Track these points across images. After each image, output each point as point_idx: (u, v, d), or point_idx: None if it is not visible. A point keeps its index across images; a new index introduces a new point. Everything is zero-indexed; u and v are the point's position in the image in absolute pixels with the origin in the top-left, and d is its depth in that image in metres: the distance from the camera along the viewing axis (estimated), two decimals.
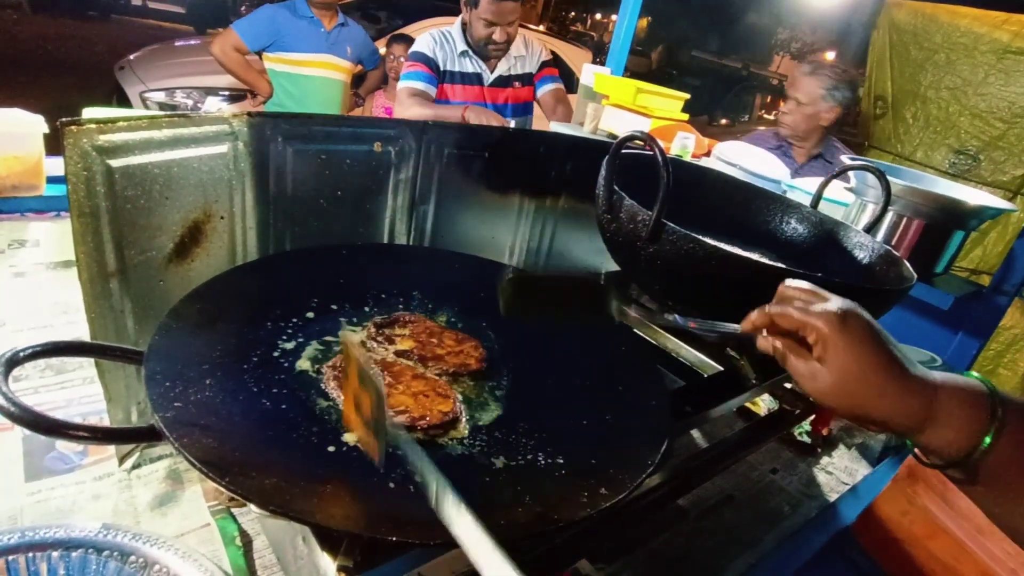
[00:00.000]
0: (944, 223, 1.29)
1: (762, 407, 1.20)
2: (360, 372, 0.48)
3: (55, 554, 0.63)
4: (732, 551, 0.88)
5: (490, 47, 2.23)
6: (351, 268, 0.88)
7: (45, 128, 1.32)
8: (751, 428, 1.04)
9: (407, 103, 2.19)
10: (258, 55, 3.15)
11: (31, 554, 0.63)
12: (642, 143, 0.89)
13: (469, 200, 1.20)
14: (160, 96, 4.10)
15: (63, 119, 0.63)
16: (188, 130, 0.79)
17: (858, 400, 0.51)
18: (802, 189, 1.55)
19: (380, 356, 0.71)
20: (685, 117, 1.95)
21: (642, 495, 0.78)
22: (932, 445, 0.51)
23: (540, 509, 0.51)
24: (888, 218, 1.35)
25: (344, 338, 0.54)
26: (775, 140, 2.46)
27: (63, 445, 0.81)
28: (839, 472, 1.11)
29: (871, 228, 1.16)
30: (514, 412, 0.68)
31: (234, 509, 0.76)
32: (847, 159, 2.48)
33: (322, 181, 0.97)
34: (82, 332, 1.06)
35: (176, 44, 4.77)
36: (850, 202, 1.45)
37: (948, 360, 1.36)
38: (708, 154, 1.87)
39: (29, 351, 0.53)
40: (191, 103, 4.08)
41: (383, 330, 0.77)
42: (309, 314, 0.76)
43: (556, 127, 2.09)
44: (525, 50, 2.37)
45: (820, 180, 1.23)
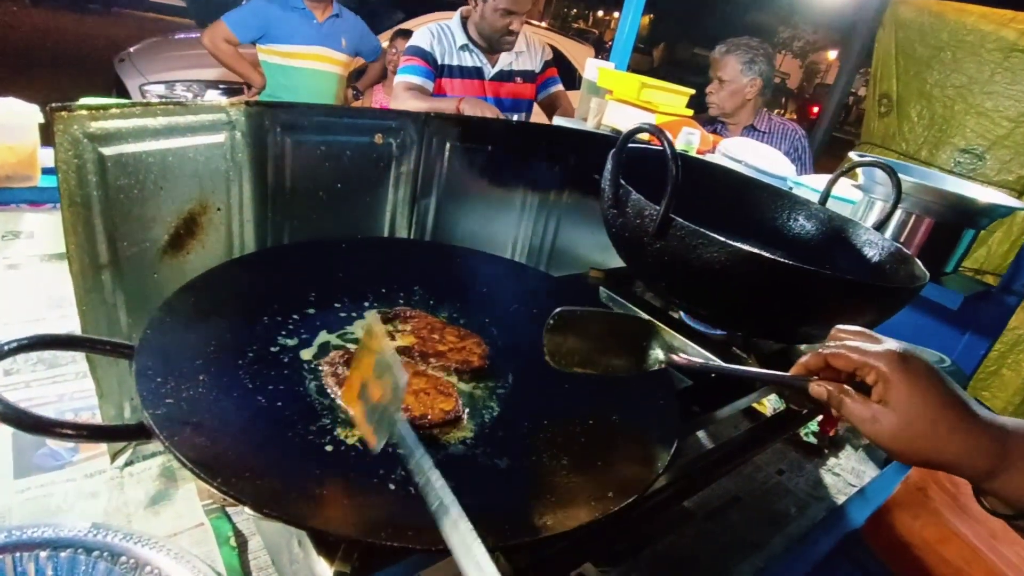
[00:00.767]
0: (954, 221, 1.27)
1: (768, 407, 1.18)
2: (380, 361, 0.46)
3: (43, 554, 0.61)
4: (739, 554, 0.86)
5: (504, 39, 2.21)
6: (351, 262, 0.86)
7: (40, 118, 1.29)
8: (757, 429, 1.02)
9: (402, 97, 2.17)
10: (253, 46, 3.12)
11: (18, 554, 0.61)
12: (649, 136, 0.87)
13: (471, 194, 1.18)
14: (160, 89, 4.07)
15: (53, 104, 0.61)
16: (184, 118, 0.77)
17: (926, 442, 0.48)
18: (808, 186, 1.53)
19: None
20: (690, 113, 1.93)
21: (648, 497, 0.76)
22: (1004, 492, 0.48)
23: (545, 513, 0.49)
24: (897, 216, 1.33)
25: (370, 322, 0.52)
26: (710, 124, 2.50)
27: (54, 441, 0.79)
28: (846, 474, 1.09)
29: (880, 226, 1.14)
30: (517, 411, 0.66)
31: (229, 508, 0.74)
32: (776, 120, 2.51)
33: (321, 173, 0.95)
34: (75, 325, 1.04)
35: (176, 37, 4.74)
36: (858, 200, 1.43)
37: (956, 360, 1.34)
38: (713, 150, 1.85)
39: (14, 344, 0.51)
40: (191, 96, 4.06)
41: (383, 325, 0.75)
42: (308, 309, 0.74)
43: (559, 122, 2.07)
44: (526, 46, 2.35)
45: (824, 177, 1.21)
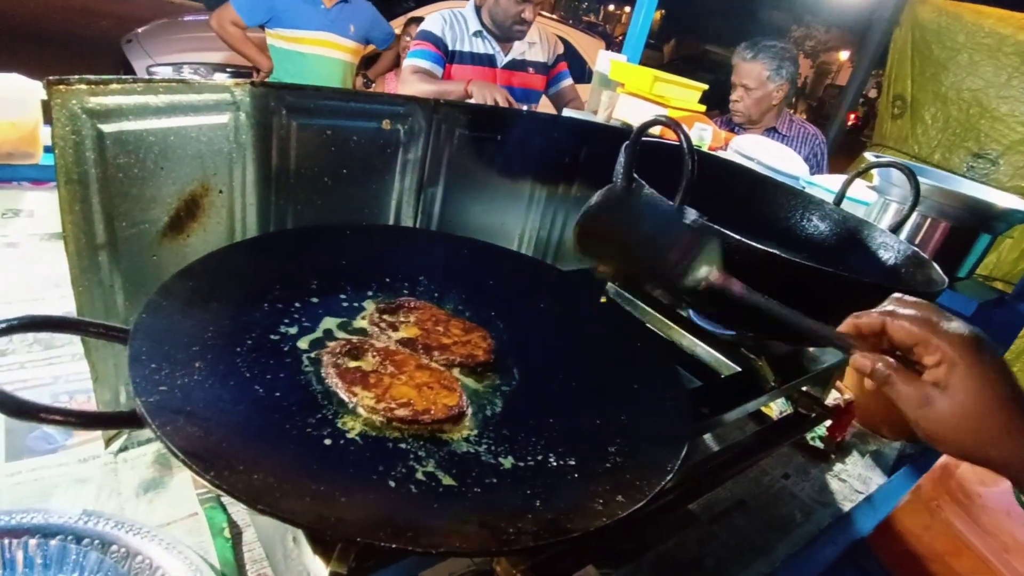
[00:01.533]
0: (971, 225, 1.24)
1: (774, 410, 1.16)
2: None
3: (32, 541, 0.60)
4: (744, 559, 0.84)
5: (516, 27, 2.18)
6: (355, 249, 0.84)
7: (43, 94, 1.27)
8: (764, 431, 1.00)
9: (410, 80, 2.14)
10: (261, 30, 3.09)
11: (6, 540, 0.59)
12: (660, 130, 0.84)
13: (479, 184, 1.16)
14: (167, 71, 4.05)
15: (50, 77, 0.59)
16: (187, 97, 0.75)
17: (980, 436, 0.44)
18: (822, 186, 1.50)
19: (382, 344, 0.67)
20: (702, 108, 1.90)
21: (653, 499, 0.74)
22: None
23: (551, 516, 0.47)
24: (912, 218, 1.30)
25: None
26: (727, 124, 2.46)
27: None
28: (853, 480, 1.07)
29: (896, 228, 1.11)
30: (523, 408, 0.64)
31: (224, 499, 0.72)
32: (797, 123, 2.47)
33: (327, 158, 0.93)
34: (72, 307, 1.03)
35: (184, 19, 4.70)
36: (872, 201, 1.40)
37: None
38: (725, 147, 1.82)
39: (4, 325, 0.49)
40: (198, 79, 4.03)
41: (386, 316, 0.73)
42: (310, 297, 0.72)
43: (569, 114, 2.04)
44: (539, 38, 2.33)
45: (837, 177, 1.18)
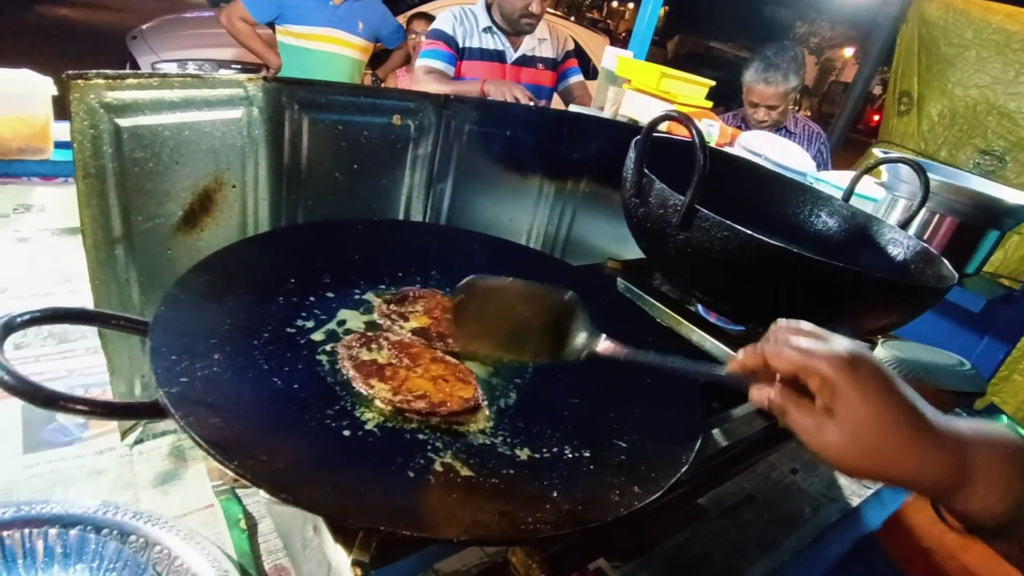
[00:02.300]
0: (979, 222, 1.24)
1: None
2: None
3: (52, 531, 0.60)
4: (752, 553, 0.85)
5: (524, 20, 2.18)
6: (367, 244, 0.85)
7: (54, 90, 1.28)
8: (773, 426, 1.00)
9: (424, 81, 2.15)
10: (271, 27, 3.10)
11: (27, 530, 0.60)
12: (667, 127, 0.85)
13: (488, 180, 1.16)
14: (172, 67, 4.05)
15: (69, 72, 0.59)
16: (201, 92, 0.75)
17: (877, 458, 0.43)
18: (829, 182, 1.50)
19: (396, 336, 0.67)
20: (709, 105, 1.90)
21: (664, 492, 0.75)
22: (968, 510, 0.44)
23: (568, 507, 0.47)
24: (920, 215, 1.30)
25: None
26: (736, 121, 2.47)
27: (64, 416, 0.78)
28: None
29: (905, 225, 1.12)
30: (536, 401, 0.64)
31: (239, 490, 0.73)
32: (802, 121, 2.47)
33: (338, 153, 0.93)
34: (85, 301, 1.03)
35: (188, 16, 4.71)
36: (880, 197, 1.40)
37: (975, 364, 1.31)
38: (732, 143, 1.82)
39: (27, 316, 0.49)
40: (212, 74, 4.04)
41: (394, 306, 0.73)
42: (325, 291, 0.73)
43: (575, 110, 2.04)
44: (548, 34, 2.33)
45: (843, 173, 1.18)
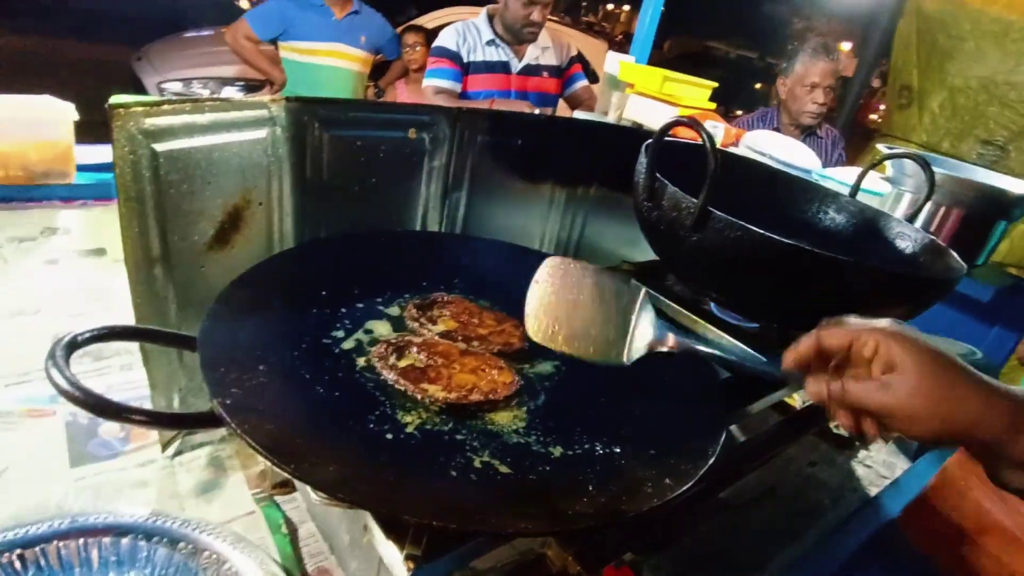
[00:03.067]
0: (986, 212, 1.26)
1: (797, 400, 1.19)
2: None
3: (106, 540, 0.63)
4: (775, 545, 0.87)
5: (527, 29, 2.22)
6: (392, 255, 0.88)
7: (76, 116, 1.32)
8: (791, 419, 1.02)
9: (434, 101, 2.19)
10: (273, 44, 3.16)
11: (82, 540, 0.62)
12: (672, 130, 0.87)
13: (501, 188, 1.19)
14: (177, 86, 4.11)
15: (111, 101, 0.63)
16: (229, 115, 0.78)
17: (942, 402, 0.46)
18: (835, 179, 1.53)
19: (423, 337, 0.70)
20: (712, 106, 1.92)
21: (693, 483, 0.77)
22: None
23: (605, 499, 0.50)
24: (927, 207, 1.32)
25: None
26: (774, 121, 2.49)
27: (105, 431, 0.81)
28: (878, 466, 1.09)
29: (911, 218, 1.14)
30: (564, 400, 0.67)
31: (278, 497, 0.76)
32: (825, 125, 2.50)
33: (357, 168, 0.96)
34: (117, 319, 1.06)
35: (189, 35, 4.77)
36: (886, 192, 1.42)
37: (986, 353, 1.33)
38: (736, 144, 1.85)
39: (88, 335, 0.52)
40: (208, 93, 4.10)
41: (423, 312, 0.76)
42: (355, 303, 0.75)
43: (580, 116, 2.07)
44: (551, 42, 2.37)
45: (856, 170, 1.20)
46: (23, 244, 1.21)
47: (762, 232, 0.78)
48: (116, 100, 0.65)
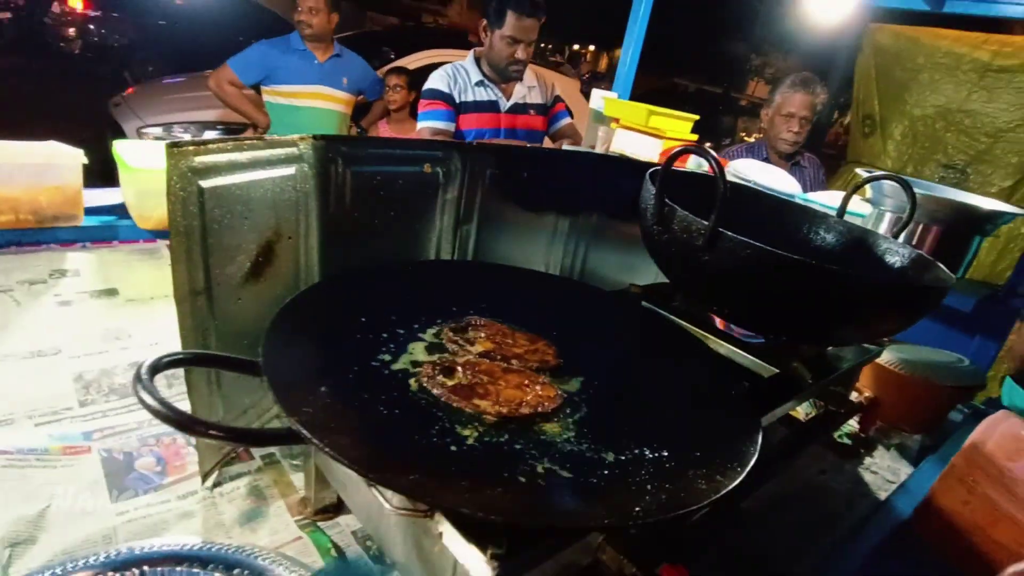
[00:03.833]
0: (962, 229, 1.35)
1: (800, 412, 1.23)
2: None
3: (163, 569, 0.64)
4: (794, 551, 0.90)
5: (512, 68, 2.30)
6: (421, 283, 0.91)
7: (84, 160, 1.34)
8: (800, 430, 1.07)
9: None
10: (255, 89, 3.23)
11: (138, 570, 0.63)
12: (657, 158, 0.93)
13: (508, 218, 1.24)
14: (158, 131, 4.12)
15: (168, 142, 0.66)
16: (264, 152, 0.82)
17: None
18: (818, 203, 1.61)
19: (466, 357, 0.73)
20: (695, 138, 2.01)
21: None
22: None
23: (665, 496, 0.53)
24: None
25: None
26: (763, 152, 2.61)
27: (142, 465, 0.82)
28: (883, 472, 1.14)
29: (895, 236, 1.21)
30: (603, 410, 0.70)
31: (321, 523, 0.77)
32: (805, 154, 2.63)
33: (377, 201, 1.00)
34: (134, 357, 1.07)
35: (167, 81, 4.80)
36: (867, 213, 1.50)
37: (972, 360, 1.40)
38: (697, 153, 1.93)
39: (167, 359, 0.55)
40: (189, 136, 4.12)
41: (459, 334, 0.79)
42: (396, 329, 0.78)
43: (581, 150, 2.14)
44: (536, 81, 2.46)
45: (835, 194, 1.28)
46: (34, 287, 1.21)
47: (771, 249, 0.84)
48: (163, 141, 0.69)
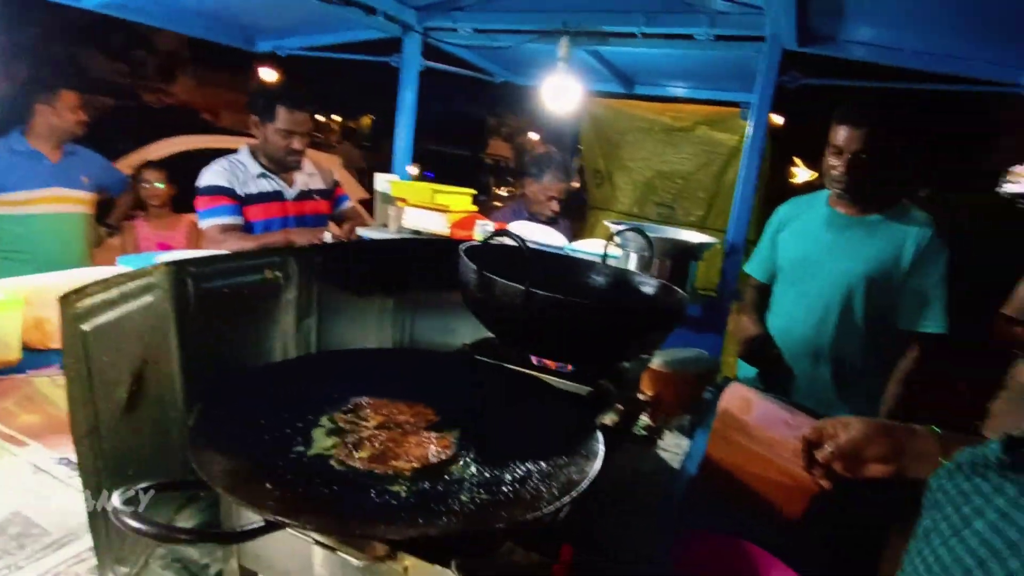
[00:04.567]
0: (684, 258, 1.84)
1: (608, 420, 1.55)
2: None
3: None
4: (623, 521, 1.17)
5: (290, 158, 2.38)
6: (299, 380, 1.01)
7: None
8: (610, 432, 1.36)
9: (221, 239, 2.21)
10: None
11: None
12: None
13: (341, 308, 1.37)
14: None
15: (64, 292, 0.70)
16: (128, 285, 0.87)
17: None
18: (583, 251, 2.01)
19: (366, 433, 0.86)
20: (475, 208, 2.33)
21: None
22: None
23: (557, 490, 0.73)
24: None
25: None
26: (523, 212, 3.00)
27: None
28: (672, 448, 1.50)
29: (645, 271, 1.62)
30: (485, 446, 0.88)
31: None
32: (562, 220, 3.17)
33: (227, 311, 1.07)
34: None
35: None
36: (619, 255, 1.94)
37: (709, 352, 1.88)
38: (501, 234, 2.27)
39: (144, 485, 0.60)
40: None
41: (351, 414, 0.91)
42: (294, 422, 0.87)
43: (364, 232, 2.31)
44: (316, 169, 2.57)
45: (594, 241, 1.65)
46: None
47: (572, 299, 1.11)
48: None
